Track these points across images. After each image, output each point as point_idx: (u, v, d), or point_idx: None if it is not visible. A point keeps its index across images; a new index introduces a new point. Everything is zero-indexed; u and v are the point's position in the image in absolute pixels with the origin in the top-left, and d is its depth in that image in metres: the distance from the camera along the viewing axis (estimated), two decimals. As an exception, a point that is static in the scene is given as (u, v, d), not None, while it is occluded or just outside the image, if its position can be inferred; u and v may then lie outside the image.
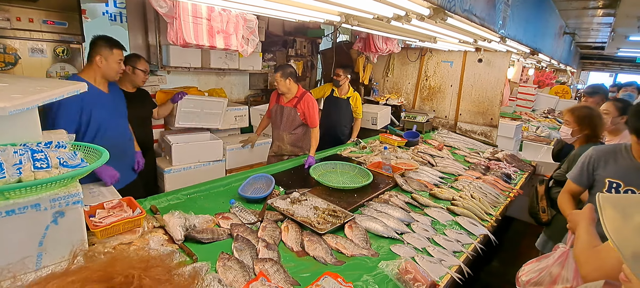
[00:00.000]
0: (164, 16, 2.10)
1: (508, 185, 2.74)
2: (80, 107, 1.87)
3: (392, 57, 4.85)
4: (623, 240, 0.64)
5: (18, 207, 0.95)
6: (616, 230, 0.65)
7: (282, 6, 1.76)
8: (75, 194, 1.05)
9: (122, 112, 2.15)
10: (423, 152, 3.31)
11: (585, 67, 12.13)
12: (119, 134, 2.09)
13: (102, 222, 1.48)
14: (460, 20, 1.80)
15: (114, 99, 2.08)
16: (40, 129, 1.27)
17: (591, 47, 8.08)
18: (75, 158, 1.13)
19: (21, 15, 2.25)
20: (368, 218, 1.87)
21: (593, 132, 2.20)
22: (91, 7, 2.86)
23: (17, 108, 1.09)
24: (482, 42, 2.87)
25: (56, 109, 1.82)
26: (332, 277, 1.38)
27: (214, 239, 1.59)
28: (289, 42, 4.32)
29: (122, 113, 2.15)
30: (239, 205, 1.90)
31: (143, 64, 2.55)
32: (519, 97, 6.70)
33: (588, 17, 4.88)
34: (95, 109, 1.93)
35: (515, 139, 4.20)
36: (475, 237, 1.86)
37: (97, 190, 1.86)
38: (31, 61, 2.34)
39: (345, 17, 1.93)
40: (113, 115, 2.04)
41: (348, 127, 3.82)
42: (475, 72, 4.22)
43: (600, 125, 2.20)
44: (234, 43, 2.31)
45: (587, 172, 1.68)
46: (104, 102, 1.99)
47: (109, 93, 2.04)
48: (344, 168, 2.58)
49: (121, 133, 2.11)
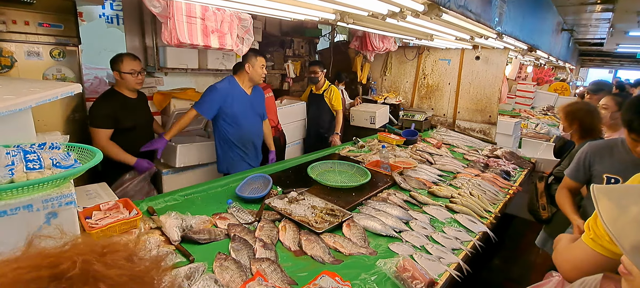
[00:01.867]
0: (158, 16, 2.10)
1: (507, 182, 2.73)
2: (223, 99, 2.44)
3: (389, 55, 4.85)
4: (621, 232, 0.63)
5: (10, 207, 0.95)
6: (613, 221, 0.65)
7: (276, 5, 1.75)
8: (68, 195, 1.04)
9: (257, 111, 2.68)
10: (421, 151, 3.30)
11: (584, 63, 12.12)
12: (250, 126, 2.63)
13: (98, 224, 1.48)
14: (455, 16, 1.80)
15: (253, 100, 2.62)
16: (33, 130, 1.27)
17: (590, 44, 8.06)
18: (69, 159, 1.12)
19: (17, 18, 2.24)
20: (366, 216, 1.86)
21: (583, 127, 2.14)
22: (87, 9, 2.86)
23: (10, 109, 1.09)
24: (479, 39, 2.87)
25: (206, 97, 2.41)
26: (330, 276, 1.37)
27: (211, 239, 1.58)
28: (286, 42, 4.32)
29: (257, 112, 2.68)
30: (236, 205, 1.89)
31: (129, 64, 2.31)
32: (518, 94, 6.69)
33: (586, 13, 4.87)
34: (236, 104, 2.49)
35: (514, 136, 4.19)
36: (474, 234, 1.85)
37: (94, 191, 1.86)
38: (27, 64, 2.33)
39: (341, 15, 1.93)
40: (248, 112, 2.58)
41: (328, 122, 3.91)
42: (472, 69, 4.22)
43: (589, 120, 2.12)
44: (228, 42, 2.30)
45: (583, 167, 1.68)
46: (243, 100, 2.54)
47: (250, 94, 2.58)
48: (343, 167, 2.58)
49: (252, 126, 2.65)
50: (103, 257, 0.43)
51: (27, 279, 0.38)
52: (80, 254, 0.41)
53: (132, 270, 0.43)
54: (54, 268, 0.39)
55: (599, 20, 5.31)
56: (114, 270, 0.41)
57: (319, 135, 3.92)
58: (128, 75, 2.30)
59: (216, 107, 2.46)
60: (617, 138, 1.64)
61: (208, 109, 2.46)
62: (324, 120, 3.89)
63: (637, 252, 0.60)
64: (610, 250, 0.85)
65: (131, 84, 2.32)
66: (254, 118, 2.69)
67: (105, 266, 0.41)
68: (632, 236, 0.61)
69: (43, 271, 0.38)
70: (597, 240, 0.88)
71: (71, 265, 0.39)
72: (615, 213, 0.65)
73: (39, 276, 0.38)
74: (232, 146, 2.62)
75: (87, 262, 0.40)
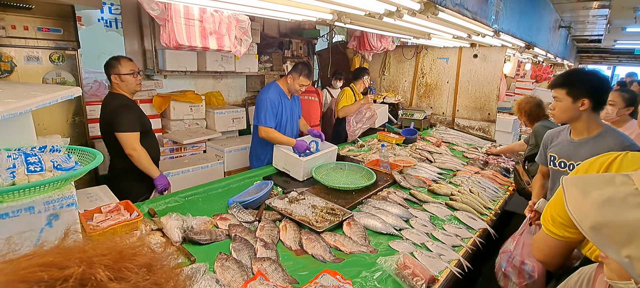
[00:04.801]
0: (157, 19, 2.11)
1: (507, 179, 2.74)
2: (277, 106, 2.66)
3: (388, 55, 4.86)
4: (582, 215, 0.67)
5: (12, 210, 0.95)
6: (576, 207, 0.69)
7: (273, 5, 1.76)
8: (69, 196, 1.05)
9: (295, 115, 2.90)
10: (421, 149, 3.31)
11: (582, 60, 12.13)
12: (291, 130, 2.85)
13: (99, 226, 1.48)
14: (451, 14, 1.81)
15: (292, 105, 2.85)
16: (34, 133, 1.27)
17: (588, 41, 8.07)
18: (69, 161, 1.13)
19: (16, 23, 2.25)
20: (366, 215, 1.87)
21: (529, 115, 2.82)
22: (86, 13, 2.87)
23: (11, 112, 1.10)
24: (476, 37, 2.88)
25: (261, 108, 2.60)
26: (331, 274, 1.38)
27: (212, 240, 1.58)
28: (284, 43, 4.33)
29: (295, 116, 2.90)
30: (237, 206, 1.90)
31: (127, 65, 2.20)
32: (517, 92, 6.70)
33: (583, 9, 4.88)
34: (281, 109, 2.72)
35: (513, 133, 4.20)
36: (474, 231, 1.85)
37: (95, 194, 1.86)
38: (27, 68, 2.34)
39: (338, 15, 1.94)
40: (290, 116, 2.82)
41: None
42: (471, 67, 4.23)
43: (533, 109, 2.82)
44: (226, 44, 2.31)
45: (543, 150, 1.90)
46: (286, 106, 2.76)
47: (290, 99, 2.82)
48: (353, 169, 2.55)
49: (292, 129, 2.86)
50: (116, 263, 0.39)
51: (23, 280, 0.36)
52: (83, 260, 0.38)
53: (145, 282, 0.40)
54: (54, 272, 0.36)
55: (596, 16, 5.31)
56: (120, 284, 0.38)
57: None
58: (128, 77, 2.18)
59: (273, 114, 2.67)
60: (566, 126, 1.79)
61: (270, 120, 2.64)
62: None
63: (594, 232, 0.64)
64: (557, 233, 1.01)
65: (132, 85, 2.22)
66: (294, 122, 2.91)
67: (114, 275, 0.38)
68: (591, 217, 0.65)
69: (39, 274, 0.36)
70: (547, 225, 1.04)
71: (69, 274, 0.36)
72: (579, 199, 0.69)
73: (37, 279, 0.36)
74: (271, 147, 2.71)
75: (90, 269, 0.37)
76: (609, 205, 0.64)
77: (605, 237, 0.62)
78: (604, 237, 0.63)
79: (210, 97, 3.79)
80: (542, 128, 2.43)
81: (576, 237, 0.98)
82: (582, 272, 0.88)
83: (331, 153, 2.66)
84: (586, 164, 1.11)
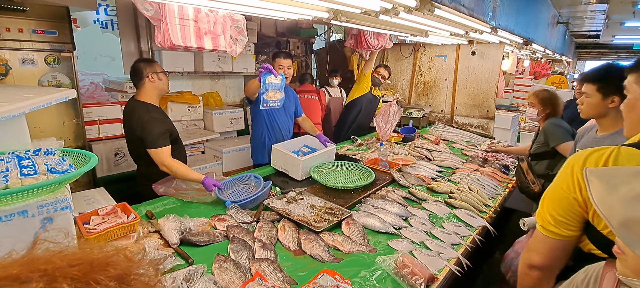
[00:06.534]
0: (151, 19, 2.09)
1: (506, 176, 2.73)
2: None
3: (386, 53, 4.84)
4: (609, 210, 0.65)
5: (5, 214, 0.94)
6: (602, 200, 0.67)
7: (268, 4, 1.75)
8: (64, 200, 1.04)
9: (289, 110, 2.89)
10: (420, 147, 3.30)
11: (581, 56, 12.14)
12: (284, 124, 2.86)
13: (96, 229, 1.47)
14: (448, 11, 1.80)
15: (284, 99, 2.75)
16: (28, 137, 1.26)
17: (586, 36, 8.06)
18: (63, 164, 1.12)
19: (10, 25, 2.24)
20: (365, 214, 1.86)
21: (553, 110, 2.48)
22: (81, 15, 2.85)
23: (4, 115, 1.09)
24: (474, 33, 2.87)
25: None
26: (330, 274, 1.37)
27: (210, 241, 1.57)
28: (282, 43, 4.32)
29: (289, 111, 2.89)
30: (235, 207, 1.89)
31: (158, 65, 2.16)
32: (516, 88, 6.68)
33: (581, 5, 4.88)
34: None
35: (512, 130, 4.20)
36: (473, 229, 1.85)
37: (92, 197, 1.85)
38: (22, 71, 2.33)
39: (334, 13, 1.93)
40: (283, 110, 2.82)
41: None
42: (469, 65, 4.22)
43: (558, 103, 2.50)
44: (222, 43, 2.30)
45: (574, 147, 1.97)
46: None
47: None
48: (351, 168, 2.54)
49: (285, 123, 2.88)
50: (85, 275, 0.37)
51: None
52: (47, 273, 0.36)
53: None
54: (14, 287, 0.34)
55: (594, 12, 5.31)
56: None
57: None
58: (164, 75, 2.13)
59: None
60: (595, 125, 1.81)
61: None
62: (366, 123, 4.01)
63: (624, 229, 0.62)
64: (559, 234, 0.98)
65: (166, 84, 2.16)
66: (288, 116, 2.90)
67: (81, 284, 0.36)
68: (620, 214, 0.63)
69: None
70: (547, 226, 1.01)
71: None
72: (605, 193, 0.67)
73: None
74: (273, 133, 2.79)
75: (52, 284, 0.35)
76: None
77: (637, 234, 0.60)
78: (635, 234, 0.61)
79: (207, 97, 3.78)
80: (552, 126, 2.35)
81: (577, 234, 0.97)
82: (589, 270, 0.86)
83: (330, 153, 2.64)
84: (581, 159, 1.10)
